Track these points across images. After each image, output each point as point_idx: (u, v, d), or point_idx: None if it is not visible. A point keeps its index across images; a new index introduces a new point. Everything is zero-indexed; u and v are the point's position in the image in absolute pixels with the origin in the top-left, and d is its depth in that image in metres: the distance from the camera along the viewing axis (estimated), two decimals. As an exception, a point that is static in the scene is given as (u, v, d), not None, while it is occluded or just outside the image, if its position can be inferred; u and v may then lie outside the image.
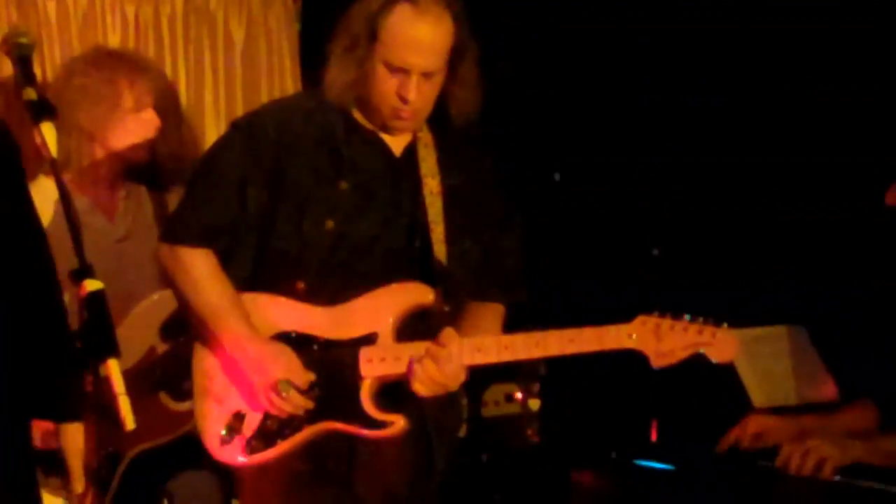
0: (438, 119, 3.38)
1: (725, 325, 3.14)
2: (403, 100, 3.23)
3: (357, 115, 3.34)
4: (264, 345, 3.24)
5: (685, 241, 4.13)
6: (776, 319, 3.80)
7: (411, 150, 3.38)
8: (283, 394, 3.19)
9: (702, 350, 3.14)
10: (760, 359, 3.71)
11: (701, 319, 3.15)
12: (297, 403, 3.21)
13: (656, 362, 3.14)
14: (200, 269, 3.30)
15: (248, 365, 3.25)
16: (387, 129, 3.34)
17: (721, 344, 3.14)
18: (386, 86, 3.24)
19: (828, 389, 3.71)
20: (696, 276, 4.03)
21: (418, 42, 3.20)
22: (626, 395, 3.94)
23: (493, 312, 3.44)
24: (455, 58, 3.27)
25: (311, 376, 3.23)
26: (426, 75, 3.22)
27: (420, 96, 3.23)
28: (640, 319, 3.16)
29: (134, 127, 3.94)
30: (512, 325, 3.41)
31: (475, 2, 3.33)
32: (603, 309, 3.20)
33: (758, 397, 3.63)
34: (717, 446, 3.40)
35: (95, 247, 3.86)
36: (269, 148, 3.30)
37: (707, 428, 3.52)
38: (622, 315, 3.19)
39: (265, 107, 3.57)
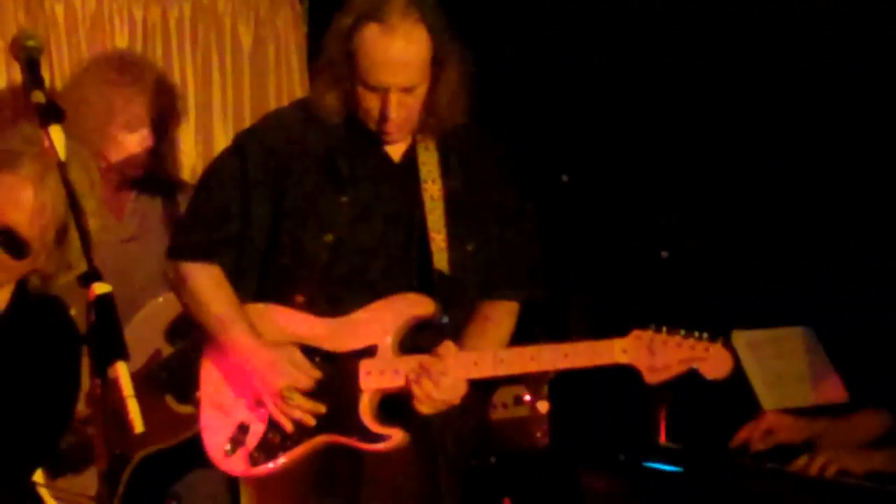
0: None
1: (721, 340, 3.11)
2: (385, 117, 3.21)
3: (353, 124, 3.31)
4: (268, 352, 3.24)
5: (694, 243, 4.12)
6: (785, 321, 3.80)
7: (411, 155, 3.36)
8: (290, 401, 3.20)
9: (695, 366, 3.11)
10: (769, 361, 3.71)
11: (696, 334, 3.11)
12: (304, 408, 3.21)
13: (649, 378, 3.11)
14: (203, 281, 3.31)
15: (253, 373, 3.26)
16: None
17: (714, 360, 3.10)
18: (367, 104, 3.22)
19: (837, 391, 3.70)
20: (705, 279, 4.02)
21: (391, 61, 3.16)
22: (635, 397, 3.93)
23: (504, 311, 3.43)
24: (435, 66, 3.23)
25: (317, 374, 3.23)
26: (407, 90, 3.19)
27: (403, 110, 3.21)
28: (634, 334, 3.13)
29: (126, 144, 3.93)
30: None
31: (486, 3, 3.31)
32: (611, 312, 3.20)
33: (766, 399, 3.63)
34: (731, 442, 3.40)
35: (101, 245, 3.88)
36: (270, 163, 3.30)
37: (716, 430, 3.52)
38: (629, 319, 3.18)
39: (265, 120, 3.53)
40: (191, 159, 4.69)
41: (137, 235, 4.04)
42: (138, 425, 2.59)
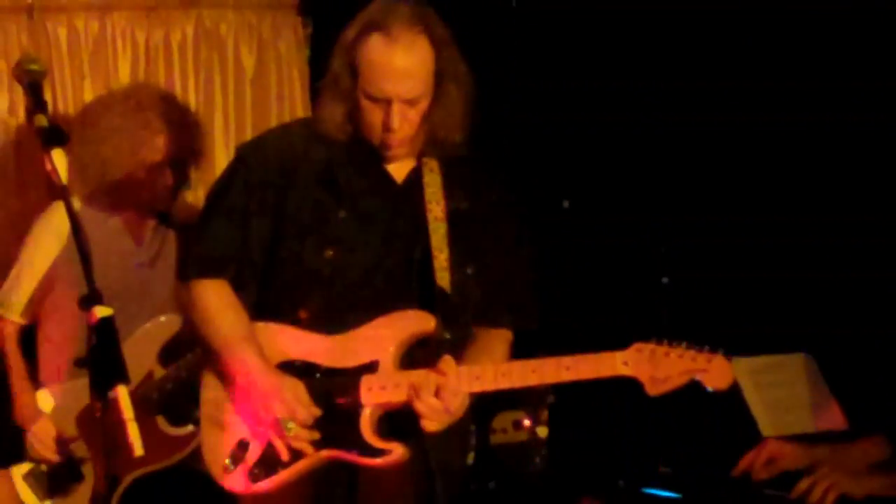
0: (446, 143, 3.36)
1: (721, 352, 3.12)
2: (387, 129, 3.22)
3: (357, 143, 3.32)
4: (271, 379, 3.24)
5: (695, 269, 4.13)
6: (785, 348, 3.80)
7: (415, 176, 3.36)
8: (287, 432, 3.21)
9: (697, 377, 3.12)
10: (769, 387, 3.70)
11: (697, 347, 3.13)
12: (300, 439, 3.22)
13: (651, 389, 3.12)
14: (211, 300, 3.33)
15: (254, 396, 3.26)
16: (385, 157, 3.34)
17: (716, 371, 3.11)
18: (371, 116, 3.23)
19: (836, 418, 3.70)
20: (706, 305, 4.03)
21: (393, 71, 3.17)
22: (634, 423, 3.94)
23: (499, 339, 3.42)
24: (438, 80, 3.24)
25: (317, 412, 3.23)
26: (409, 102, 3.20)
27: (405, 123, 3.22)
28: (635, 347, 3.14)
29: (144, 180, 3.94)
30: (516, 354, 3.39)
31: (488, 27, 3.31)
32: (611, 338, 3.20)
33: (766, 426, 3.62)
34: (732, 471, 3.39)
35: (120, 268, 3.93)
36: (272, 177, 3.31)
37: (715, 456, 3.51)
38: (629, 344, 3.18)
39: (269, 134, 3.54)
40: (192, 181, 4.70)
41: (153, 262, 4.05)
42: (138, 448, 2.60)
